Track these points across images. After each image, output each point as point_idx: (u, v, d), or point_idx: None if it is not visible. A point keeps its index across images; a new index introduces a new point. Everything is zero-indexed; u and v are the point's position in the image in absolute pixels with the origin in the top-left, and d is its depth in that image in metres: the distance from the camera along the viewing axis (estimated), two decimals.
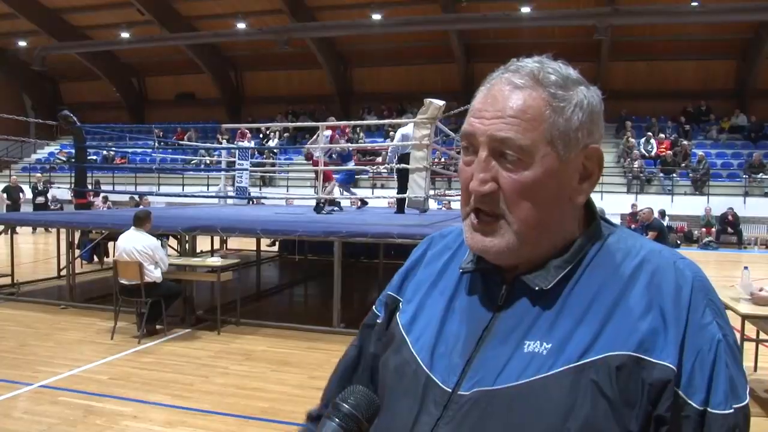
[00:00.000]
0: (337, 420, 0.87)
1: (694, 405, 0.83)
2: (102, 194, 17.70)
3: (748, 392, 0.86)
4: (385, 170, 11.53)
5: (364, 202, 13.44)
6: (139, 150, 24.95)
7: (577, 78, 0.93)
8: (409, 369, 0.98)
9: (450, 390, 0.92)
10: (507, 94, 0.91)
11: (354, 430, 0.88)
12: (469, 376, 0.91)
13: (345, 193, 12.28)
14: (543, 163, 0.89)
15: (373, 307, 1.16)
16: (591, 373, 0.84)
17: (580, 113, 0.91)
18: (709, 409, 0.83)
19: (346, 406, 0.89)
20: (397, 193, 10.22)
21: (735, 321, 5.83)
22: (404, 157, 9.52)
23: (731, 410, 0.83)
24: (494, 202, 0.91)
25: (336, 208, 11.56)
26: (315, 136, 11.06)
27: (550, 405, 0.84)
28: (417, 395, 0.95)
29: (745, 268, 5.52)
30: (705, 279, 0.90)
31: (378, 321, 1.13)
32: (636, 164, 20.94)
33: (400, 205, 10.16)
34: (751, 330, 5.34)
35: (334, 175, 11.33)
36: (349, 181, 12.63)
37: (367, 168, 10.65)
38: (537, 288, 0.92)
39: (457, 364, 0.93)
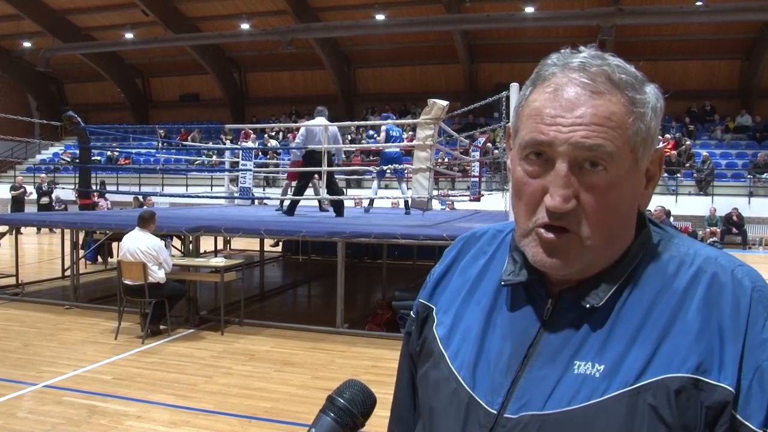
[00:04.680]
0: (332, 414, 0.87)
1: (752, 427, 0.76)
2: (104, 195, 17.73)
3: None
4: (388, 170, 11.25)
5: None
6: (143, 151, 24.99)
7: (642, 76, 0.86)
8: (449, 387, 0.92)
9: (495, 412, 0.86)
10: (585, 99, 0.81)
11: (349, 424, 0.87)
12: (516, 398, 0.85)
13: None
14: (626, 174, 0.83)
15: (411, 312, 1.10)
16: (648, 396, 0.78)
17: (655, 117, 0.85)
18: None
19: (342, 401, 0.88)
20: (293, 194, 10.09)
21: None
22: (307, 157, 9.54)
23: None
24: (573, 219, 0.82)
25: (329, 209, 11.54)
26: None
27: None
28: (459, 416, 0.90)
29: None
30: (765, 288, 0.83)
31: (413, 328, 1.07)
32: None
33: (291, 208, 9.94)
34: None
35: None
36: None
37: (370, 168, 10.61)
38: (588, 306, 0.85)
39: (501, 384, 0.87)
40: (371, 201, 11.92)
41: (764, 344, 0.79)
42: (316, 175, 10.00)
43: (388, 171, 11.19)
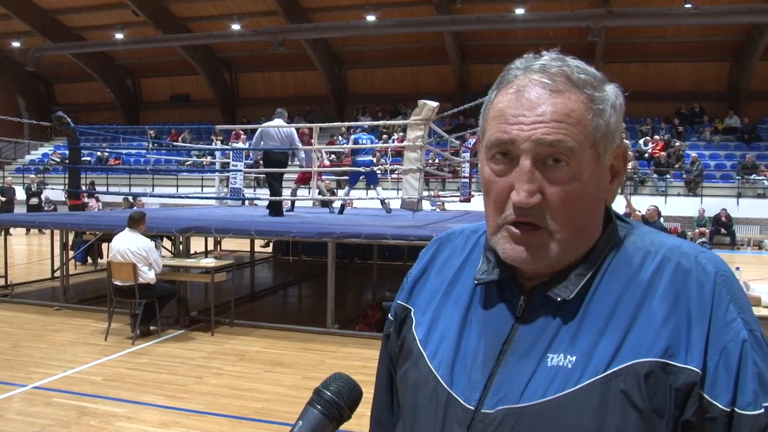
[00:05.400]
0: (319, 407, 0.88)
1: (720, 406, 0.80)
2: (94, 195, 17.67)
3: None
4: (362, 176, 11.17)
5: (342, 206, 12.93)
6: (133, 151, 24.88)
7: (601, 76, 0.90)
8: (428, 386, 0.94)
9: (473, 408, 0.88)
10: (545, 98, 0.85)
11: (336, 417, 0.88)
12: (492, 393, 0.88)
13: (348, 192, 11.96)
14: (588, 169, 0.86)
15: (389, 314, 1.11)
16: (619, 382, 0.81)
17: (614, 114, 0.89)
18: (736, 410, 0.79)
19: (328, 393, 0.89)
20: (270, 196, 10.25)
21: None
22: (265, 158, 9.80)
23: (761, 410, 0.79)
24: (539, 214, 0.86)
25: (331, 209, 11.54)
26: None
27: (580, 421, 0.81)
28: (438, 413, 0.92)
29: (737, 268, 5.55)
30: (728, 273, 0.86)
31: (391, 330, 1.09)
32: (630, 165, 20.95)
33: (276, 209, 10.01)
34: None
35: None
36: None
37: (360, 169, 10.55)
38: (559, 299, 0.88)
39: (478, 381, 0.90)
40: (342, 205, 11.80)
41: (728, 326, 0.82)
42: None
43: (362, 177, 11.18)
